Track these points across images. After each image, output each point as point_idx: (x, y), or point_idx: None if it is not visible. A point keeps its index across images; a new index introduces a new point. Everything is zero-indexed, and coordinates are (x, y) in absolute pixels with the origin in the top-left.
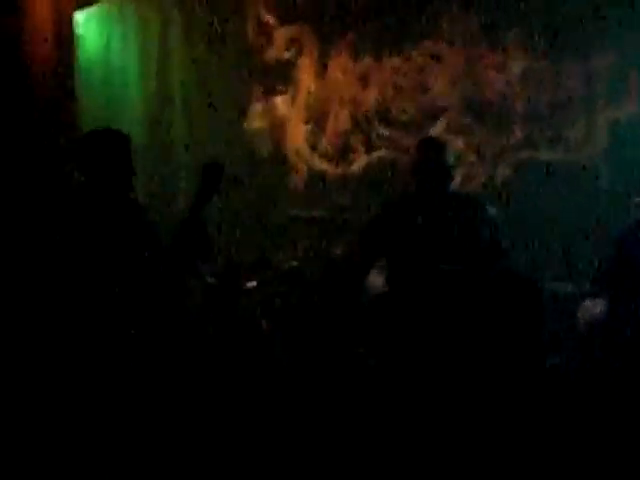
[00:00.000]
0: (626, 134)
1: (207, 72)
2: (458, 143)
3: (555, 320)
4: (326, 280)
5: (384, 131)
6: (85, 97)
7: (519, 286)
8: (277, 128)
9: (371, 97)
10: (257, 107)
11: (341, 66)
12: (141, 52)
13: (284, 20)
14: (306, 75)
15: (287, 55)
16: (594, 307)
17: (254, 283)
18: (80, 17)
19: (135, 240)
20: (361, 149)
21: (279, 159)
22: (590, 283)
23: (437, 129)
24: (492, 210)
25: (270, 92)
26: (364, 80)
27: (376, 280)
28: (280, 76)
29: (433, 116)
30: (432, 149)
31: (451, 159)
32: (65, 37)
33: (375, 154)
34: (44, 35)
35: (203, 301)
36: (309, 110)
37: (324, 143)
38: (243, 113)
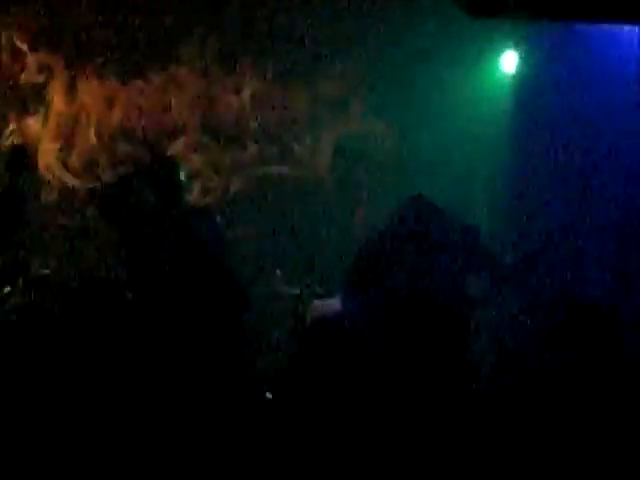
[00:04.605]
0: (349, 150)
1: None
2: (196, 160)
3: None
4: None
5: (128, 148)
6: None
7: None
8: (30, 146)
9: (115, 117)
10: (12, 126)
11: (88, 88)
12: None
13: (35, 47)
14: (56, 97)
15: (39, 79)
16: (322, 306)
17: (8, 288)
18: None
19: None
20: (106, 165)
21: (33, 174)
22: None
23: (177, 147)
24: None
25: (24, 113)
26: (109, 102)
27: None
28: (34, 98)
29: (173, 135)
30: (166, 167)
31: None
32: None
33: (119, 170)
34: None
35: None
36: (59, 129)
37: (73, 160)
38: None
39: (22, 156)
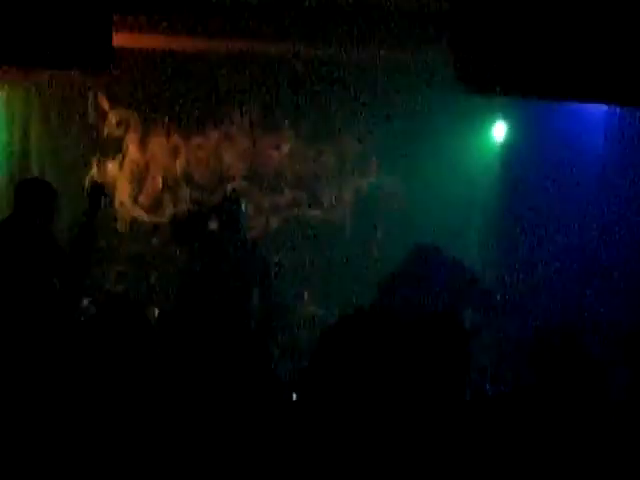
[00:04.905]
0: (366, 199)
1: (58, 142)
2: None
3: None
4: None
5: (187, 191)
6: None
7: None
8: (109, 186)
9: (179, 166)
10: (95, 169)
11: (157, 141)
12: (8, 125)
13: (116, 105)
14: (131, 147)
15: (118, 132)
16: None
17: (87, 301)
18: None
19: (49, 257)
20: (169, 204)
21: (109, 209)
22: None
23: (227, 191)
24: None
25: (105, 159)
26: (174, 153)
27: None
28: (113, 148)
29: (224, 181)
30: (231, 204)
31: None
32: None
33: (180, 207)
34: None
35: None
36: (132, 173)
37: (142, 198)
38: (85, 174)
39: (100, 193)
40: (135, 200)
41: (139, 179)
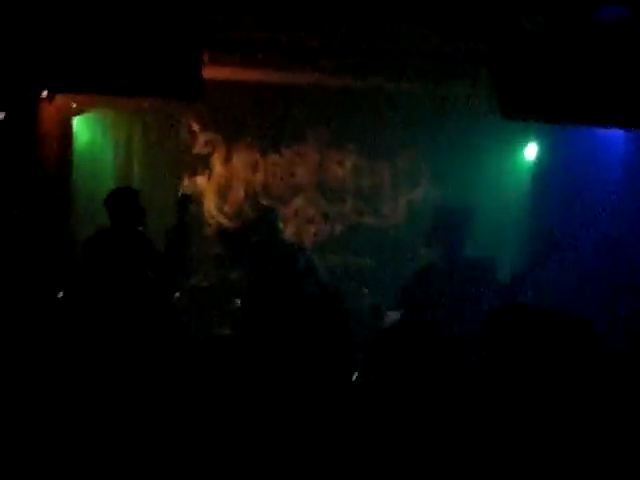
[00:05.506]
0: (416, 208)
1: (156, 159)
2: (311, 211)
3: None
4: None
5: (264, 201)
6: (78, 171)
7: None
8: (198, 196)
9: (258, 179)
10: (186, 182)
11: (239, 159)
12: (114, 145)
13: (204, 128)
14: (217, 164)
15: (206, 151)
16: (393, 315)
17: (178, 294)
18: (76, 121)
19: (145, 256)
20: (249, 212)
21: (199, 216)
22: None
23: (298, 201)
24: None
25: (195, 174)
26: (254, 168)
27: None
28: (201, 164)
29: (296, 193)
30: (264, 217)
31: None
32: (66, 134)
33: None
34: (54, 133)
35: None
36: (218, 186)
37: (226, 208)
38: (178, 186)
39: (189, 202)
40: (220, 209)
41: (224, 191)
